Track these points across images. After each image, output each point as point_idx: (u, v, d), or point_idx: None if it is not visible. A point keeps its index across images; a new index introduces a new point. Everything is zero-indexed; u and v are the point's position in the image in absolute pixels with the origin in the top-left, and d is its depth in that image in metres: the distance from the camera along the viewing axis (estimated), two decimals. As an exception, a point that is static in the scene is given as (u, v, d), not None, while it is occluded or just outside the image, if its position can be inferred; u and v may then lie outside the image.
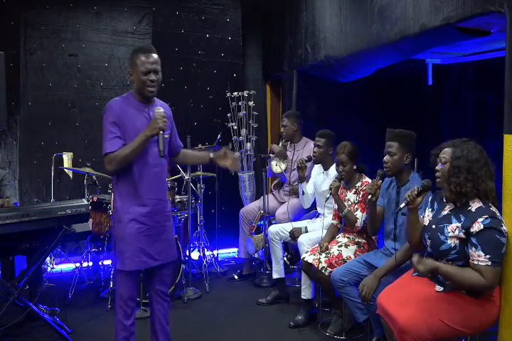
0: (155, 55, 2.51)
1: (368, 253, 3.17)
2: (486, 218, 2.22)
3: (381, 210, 3.05)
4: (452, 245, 2.31)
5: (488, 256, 2.18)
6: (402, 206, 2.54)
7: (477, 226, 2.22)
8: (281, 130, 4.47)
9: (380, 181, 2.92)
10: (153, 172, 2.55)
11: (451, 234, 2.31)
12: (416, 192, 2.45)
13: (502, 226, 2.24)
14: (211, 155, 2.78)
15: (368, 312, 2.84)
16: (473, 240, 2.23)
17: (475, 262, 2.22)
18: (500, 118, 2.44)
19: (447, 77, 5.48)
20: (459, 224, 2.29)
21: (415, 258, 2.36)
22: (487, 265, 2.19)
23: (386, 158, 2.92)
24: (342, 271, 3.03)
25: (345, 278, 2.99)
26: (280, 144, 4.52)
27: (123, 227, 2.53)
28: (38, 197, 4.86)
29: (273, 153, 4.50)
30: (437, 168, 2.43)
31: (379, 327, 2.76)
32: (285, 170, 4.41)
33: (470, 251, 2.24)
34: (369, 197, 2.90)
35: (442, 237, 2.34)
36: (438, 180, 2.43)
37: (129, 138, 2.46)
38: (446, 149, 2.42)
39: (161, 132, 2.43)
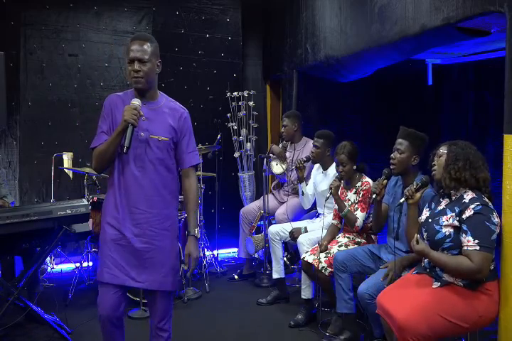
0: (143, 43, 2.20)
1: (373, 245, 3.21)
2: (478, 205, 2.27)
3: (386, 208, 3.05)
4: (447, 233, 2.34)
5: (476, 241, 2.22)
6: (401, 201, 2.65)
7: (468, 212, 2.28)
8: (282, 130, 4.46)
9: (386, 181, 2.92)
10: (135, 176, 2.25)
11: (445, 222, 2.36)
12: (415, 187, 2.60)
13: (493, 214, 2.28)
14: (191, 237, 2.31)
15: (367, 312, 2.83)
16: (464, 227, 2.28)
17: (464, 248, 2.26)
18: (500, 118, 2.45)
19: (447, 77, 5.49)
20: (454, 214, 2.34)
21: (416, 236, 2.40)
22: (475, 249, 2.22)
23: (394, 154, 2.90)
24: (346, 254, 3.06)
25: (348, 263, 3.01)
26: (280, 145, 4.51)
27: (102, 230, 2.32)
28: (38, 197, 4.86)
29: (273, 154, 4.49)
30: (434, 162, 2.53)
31: (379, 327, 2.76)
32: (286, 170, 4.39)
33: (461, 238, 2.28)
34: (373, 196, 2.90)
35: (437, 227, 2.39)
36: (434, 172, 2.53)
37: None
38: (442, 147, 2.53)
39: (130, 126, 2.15)
